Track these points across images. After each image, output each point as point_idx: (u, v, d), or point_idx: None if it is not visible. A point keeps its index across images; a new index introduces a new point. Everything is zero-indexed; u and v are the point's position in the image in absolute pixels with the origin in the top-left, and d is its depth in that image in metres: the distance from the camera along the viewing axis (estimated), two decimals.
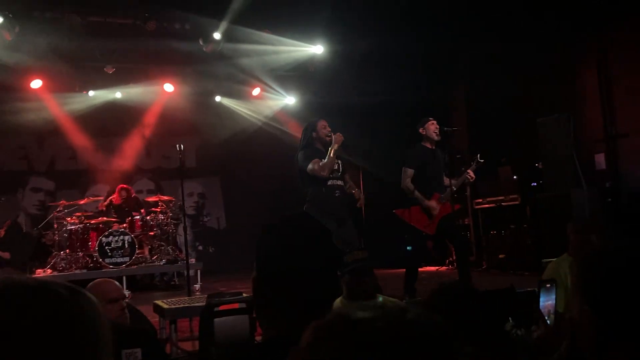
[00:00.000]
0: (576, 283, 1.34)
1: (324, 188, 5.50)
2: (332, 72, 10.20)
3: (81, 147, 11.54)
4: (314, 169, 5.46)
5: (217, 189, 12.47)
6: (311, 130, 5.68)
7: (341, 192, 5.60)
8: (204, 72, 10.08)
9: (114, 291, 2.82)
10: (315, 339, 0.75)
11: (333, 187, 5.55)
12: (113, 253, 8.52)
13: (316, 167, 5.46)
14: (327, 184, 5.51)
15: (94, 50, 9.05)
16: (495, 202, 8.57)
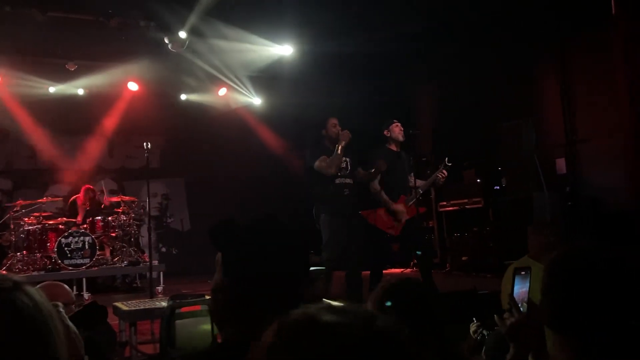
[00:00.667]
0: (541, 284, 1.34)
1: (331, 186, 5.47)
2: (300, 74, 10.18)
3: (41, 146, 11.25)
4: (320, 166, 5.43)
5: (181, 190, 12.32)
6: (320, 128, 5.62)
7: (350, 190, 5.56)
8: (169, 70, 9.94)
9: (62, 295, 2.67)
10: (280, 338, 0.74)
11: (341, 186, 5.53)
12: (73, 254, 8.31)
13: (323, 164, 5.42)
14: (335, 182, 5.48)
15: (56, 46, 8.81)
16: (459, 205, 8.68)
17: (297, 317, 0.76)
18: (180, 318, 3.71)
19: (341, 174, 5.54)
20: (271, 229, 1.35)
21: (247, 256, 1.30)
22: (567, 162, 8.07)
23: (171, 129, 11.38)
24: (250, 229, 1.35)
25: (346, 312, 0.76)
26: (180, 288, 8.12)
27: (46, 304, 1.13)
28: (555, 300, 1.28)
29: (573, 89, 8.02)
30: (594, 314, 1.23)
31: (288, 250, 1.34)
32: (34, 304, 1.08)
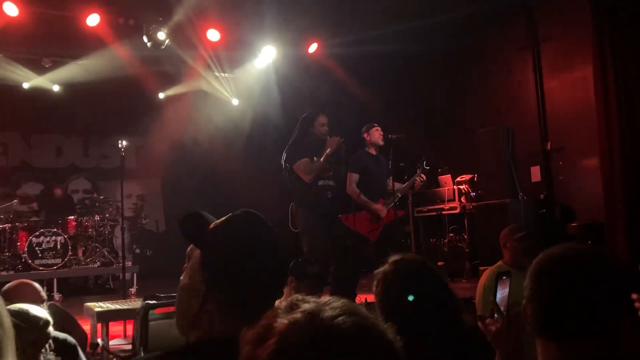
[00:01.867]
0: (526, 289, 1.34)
1: (313, 188, 5.31)
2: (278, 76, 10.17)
3: (13, 143, 11.04)
4: (298, 169, 5.24)
5: (157, 191, 12.20)
6: (308, 124, 5.45)
7: (333, 192, 5.42)
8: (147, 68, 9.83)
9: (30, 294, 2.61)
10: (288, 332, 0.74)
11: (324, 188, 5.41)
12: (44, 254, 8.16)
13: (302, 168, 5.24)
14: (317, 184, 5.34)
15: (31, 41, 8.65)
16: (436, 210, 8.74)
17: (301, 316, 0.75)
18: (154, 319, 3.66)
19: (324, 175, 5.42)
20: (253, 223, 1.33)
21: (231, 250, 1.27)
22: (542, 170, 8.18)
23: (148, 129, 11.25)
24: (232, 222, 1.33)
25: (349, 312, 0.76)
26: (154, 290, 7.99)
27: None
28: (545, 305, 1.28)
29: (550, 97, 8.15)
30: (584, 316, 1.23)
31: (269, 244, 1.32)
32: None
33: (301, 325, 0.74)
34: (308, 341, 0.72)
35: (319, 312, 0.75)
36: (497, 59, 8.85)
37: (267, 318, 0.78)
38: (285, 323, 0.75)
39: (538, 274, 1.32)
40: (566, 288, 1.26)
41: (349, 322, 0.74)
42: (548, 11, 8.07)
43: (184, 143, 11.20)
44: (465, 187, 8.49)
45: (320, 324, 0.73)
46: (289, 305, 0.78)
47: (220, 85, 10.88)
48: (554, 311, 1.26)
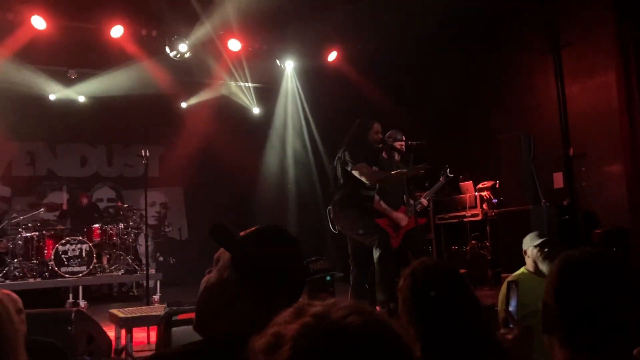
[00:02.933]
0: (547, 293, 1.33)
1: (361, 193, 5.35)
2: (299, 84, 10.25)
3: (39, 153, 11.28)
4: (360, 172, 5.17)
5: (180, 199, 12.33)
6: (365, 130, 5.42)
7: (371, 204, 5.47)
8: (170, 78, 9.98)
9: None
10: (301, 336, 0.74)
11: (369, 198, 5.44)
12: (70, 262, 8.29)
13: (365, 171, 5.17)
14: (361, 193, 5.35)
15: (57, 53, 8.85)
16: (457, 217, 8.68)
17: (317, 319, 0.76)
18: (176, 325, 3.71)
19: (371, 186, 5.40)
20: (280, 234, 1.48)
21: (260, 255, 1.40)
22: (564, 176, 8.09)
23: (171, 138, 11.40)
24: (262, 231, 1.47)
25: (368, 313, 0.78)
26: (177, 297, 8.08)
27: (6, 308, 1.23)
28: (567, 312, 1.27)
29: (571, 102, 8.07)
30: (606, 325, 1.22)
31: (292, 252, 1.45)
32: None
33: (313, 328, 0.74)
34: (322, 343, 0.73)
35: (328, 314, 0.76)
36: (517, 64, 8.79)
37: (275, 325, 0.78)
38: (296, 328, 0.75)
39: (561, 279, 1.32)
40: (589, 295, 1.26)
41: (358, 321, 0.75)
42: (569, 16, 8.01)
43: (206, 151, 11.32)
44: (487, 194, 8.43)
45: (331, 325, 0.74)
46: (296, 310, 0.79)
47: (241, 94, 11.00)
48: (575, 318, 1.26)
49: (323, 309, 0.77)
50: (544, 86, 8.40)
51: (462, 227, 8.62)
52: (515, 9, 8.20)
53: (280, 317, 0.80)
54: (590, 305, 1.25)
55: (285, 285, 1.38)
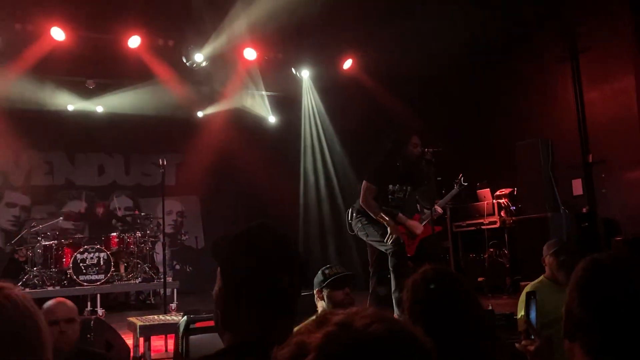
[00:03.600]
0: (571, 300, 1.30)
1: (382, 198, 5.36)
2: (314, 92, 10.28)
3: (58, 163, 11.41)
4: (363, 190, 5.30)
5: (196, 207, 12.39)
6: (402, 144, 5.41)
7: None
8: (186, 87, 10.06)
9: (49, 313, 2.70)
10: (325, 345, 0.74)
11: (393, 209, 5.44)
12: (88, 270, 8.35)
13: (365, 190, 5.28)
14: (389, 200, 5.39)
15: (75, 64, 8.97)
16: (475, 225, 8.62)
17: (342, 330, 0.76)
18: (194, 333, 3.72)
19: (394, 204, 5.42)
20: (263, 234, 1.40)
21: (240, 261, 1.35)
22: (584, 183, 8.00)
23: (187, 146, 11.48)
24: (243, 236, 1.40)
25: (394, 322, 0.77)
26: (194, 305, 8.09)
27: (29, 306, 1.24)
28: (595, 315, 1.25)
29: (590, 108, 7.99)
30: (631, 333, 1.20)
31: (282, 255, 1.37)
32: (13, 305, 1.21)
33: (337, 337, 0.74)
34: (347, 352, 0.73)
35: (351, 322, 0.76)
36: (535, 70, 8.73)
37: (298, 335, 0.78)
38: (320, 337, 0.75)
39: (586, 283, 1.29)
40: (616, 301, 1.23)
41: (382, 328, 0.75)
42: (587, 21, 7.94)
43: (222, 160, 11.37)
44: (505, 201, 8.36)
45: (355, 334, 0.74)
46: (319, 320, 0.79)
47: (257, 102, 11.05)
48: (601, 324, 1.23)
49: (346, 318, 0.77)
50: (562, 92, 8.33)
51: (480, 235, 8.55)
52: (532, 15, 8.16)
53: (302, 326, 0.80)
54: (616, 311, 1.22)
55: (272, 288, 1.32)
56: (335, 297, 3.09)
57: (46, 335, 1.28)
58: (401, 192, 5.56)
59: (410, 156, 5.38)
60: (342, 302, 3.06)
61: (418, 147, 5.41)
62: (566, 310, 1.30)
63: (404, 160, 5.41)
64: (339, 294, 3.10)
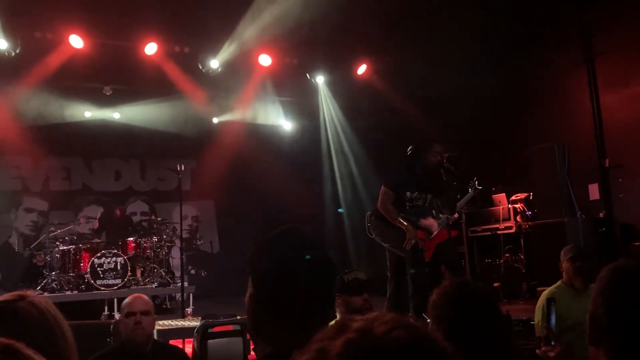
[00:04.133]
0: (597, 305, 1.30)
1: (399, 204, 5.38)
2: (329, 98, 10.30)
3: (75, 168, 11.55)
4: (382, 200, 5.32)
5: (211, 212, 12.46)
6: (422, 152, 5.44)
7: None
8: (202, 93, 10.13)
9: (128, 306, 3.03)
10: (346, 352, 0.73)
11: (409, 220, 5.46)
12: (105, 274, 8.43)
13: (383, 196, 5.30)
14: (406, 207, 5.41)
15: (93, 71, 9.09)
16: (491, 230, 8.57)
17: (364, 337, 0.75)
18: (212, 337, 3.74)
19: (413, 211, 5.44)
20: (295, 239, 1.36)
21: (268, 266, 1.31)
22: (600, 188, 7.94)
23: (202, 152, 11.56)
24: (272, 240, 1.37)
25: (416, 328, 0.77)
26: (209, 310, 8.15)
27: (53, 312, 1.29)
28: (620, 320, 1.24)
29: (607, 112, 7.93)
30: None
31: (309, 262, 1.33)
32: (39, 312, 1.25)
33: (357, 343, 0.73)
34: (368, 359, 0.72)
35: (371, 329, 0.75)
36: (551, 74, 8.67)
37: (317, 342, 0.76)
38: (340, 344, 0.73)
39: (611, 289, 1.29)
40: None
41: (403, 334, 0.74)
42: (603, 24, 7.89)
43: (237, 165, 11.43)
44: (521, 206, 8.31)
45: (376, 340, 0.73)
46: (338, 326, 0.77)
47: (272, 108, 11.09)
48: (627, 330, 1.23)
49: (366, 324, 0.76)
50: (578, 96, 8.28)
51: (496, 240, 8.50)
52: (548, 17, 8.12)
53: (321, 333, 0.78)
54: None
55: (303, 300, 1.28)
56: (354, 303, 3.07)
57: (71, 340, 1.33)
58: (420, 200, 5.57)
59: (430, 164, 5.40)
60: (360, 308, 3.04)
61: (438, 156, 5.42)
62: (591, 317, 1.30)
63: (424, 168, 5.42)
64: (357, 300, 3.09)
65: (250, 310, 1.34)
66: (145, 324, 2.96)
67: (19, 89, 9.06)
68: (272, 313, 1.29)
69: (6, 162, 10.95)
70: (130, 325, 2.90)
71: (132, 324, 2.91)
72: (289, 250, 1.32)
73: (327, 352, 0.74)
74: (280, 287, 1.28)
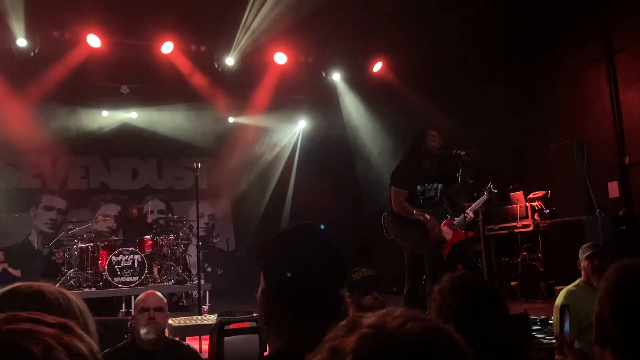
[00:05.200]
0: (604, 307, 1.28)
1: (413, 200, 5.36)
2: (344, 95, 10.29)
3: (93, 167, 11.67)
4: (395, 200, 5.30)
5: (227, 210, 12.51)
6: (419, 143, 5.42)
7: None
8: (218, 92, 10.18)
9: (141, 302, 3.07)
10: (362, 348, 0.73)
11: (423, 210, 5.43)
12: (122, 272, 8.51)
13: (395, 196, 5.29)
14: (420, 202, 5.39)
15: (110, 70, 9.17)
16: (508, 228, 8.50)
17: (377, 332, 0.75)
18: (228, 335, 3.76)
19: (425, 204, 5.40)
20: (306, 235, 1.37)
21: (279, 262, 1.32)
22: (620, 185, 7.83)
23: (218, 151, 11.61)
24: (284, 236, 1.39)
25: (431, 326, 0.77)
26: (225, 307, 8.17)
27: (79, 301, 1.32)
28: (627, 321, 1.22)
29: (626, 109, 7.82)
30: None
31: (323, 257, 1.34)
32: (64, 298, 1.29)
33: (372, 338, 0.73)
34: (384, 352, 0.72)
35: (384, 324, 0.75)
36: (569, 70, 8.57)
37: (330, 341, 0.76)
38: (355, 340, 0.73)
39: (618, 289, 1.27)
40: None
41: (417, 327, 0.74)
42: (622, 20, 7.79)
43: (253, 164, 11.47)
44: (539, 204, 8.23)
45: (391, 334, 0.73)
46: (350, 324, 0.77)
47: (287, 106, 11.11)
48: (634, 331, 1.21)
49: (378, 319, 0.76)
50: (597, 92, 8.18)
51: (513, 238, 8.42)
52: (566, 14, 8.03)
53: (333, 332, 0.78)
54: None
55: (312, 295, 1.29)
56: (364, 302, 3.05)
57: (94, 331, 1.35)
58: (432, 191, 5.53)
59: (433, 150, 5.36)
60: (370, 306, 3.01)
61: (436, 140, 5.39)
62: (597, 317, 1.28)
63: (430, 157, 5.39)
64: (367, 298, 3.06)
65: (262, 305, 1.35)
66: (159, 319, 3.00)
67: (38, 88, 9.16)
68: (283, 308, 1.30)
69: (26, 161, 11.09)
70: (143, 321, 2.92)
71: (145, 320, 2.95)
72: (300, 246, 1.34)
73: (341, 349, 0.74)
74: (291, 282, 1.29)
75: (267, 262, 1.35)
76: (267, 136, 11.71)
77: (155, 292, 3.17)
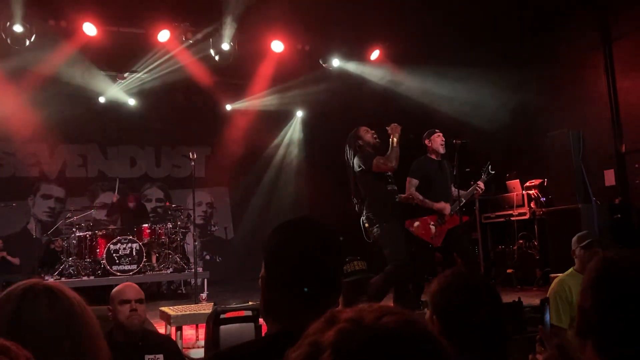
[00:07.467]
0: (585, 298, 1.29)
1: (385, 192, 5.50)
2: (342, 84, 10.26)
3: (91, 155, 11.67)
4: (378, 164, 5.41)
5: (225, 199, 12.53)
6: (355, 140, 5.63)
7: (398, 197, 5.65)
8: (215, 80, 10.15)
9: (121, 294, 3.07)
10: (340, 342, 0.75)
11: (393, 192, 5.57)
12: (121, 260, 8.55)
13: (381, 161, 5.42)
14: (387, 189, 5.51)
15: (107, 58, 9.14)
16: (504, 216, 8.54)
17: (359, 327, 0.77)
18: (224, 323, 3.79)
19: (391, 180, 5.58)
20: (307, 225, 1.44)
21: (279, 250, 1.39)
22: (616, 173, 7.85)
23: (216, 139, 11.61)
24: (285, 226, 1.44)
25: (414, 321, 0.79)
26: (224, 296, 8.23)
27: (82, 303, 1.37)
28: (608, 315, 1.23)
29: (623, 97, 7.82)
30: None
31: (323, 246, 1.40)
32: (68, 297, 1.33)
33: (349, 332, 0.75)
34: (362, 346, 0.74)
35: (361, 317, 0.77)
36: (566, 58, 8.56)
37: (309, 336, 0.78)
38: (333, 334, 0.75)
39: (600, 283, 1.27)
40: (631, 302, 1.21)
41: (392, 320, 0.76)
42: (620, 8, 7.76)
43: (251, 152, 11.47)
44: (535, 192, 8.26)
45: (368, 327, 0.75)
46: (327, 319, 0.79)
47: (284, 95, 11.08)
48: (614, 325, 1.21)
49: (355, 314, 0.78)
50: (594, 81, 8.17)
51: (509, 226, 8.47)
52: (564, 1, 8.00)
53: (311, 327, 0.80)
54: (629, 311, 1.20)
55: (309, 278, 1.35)
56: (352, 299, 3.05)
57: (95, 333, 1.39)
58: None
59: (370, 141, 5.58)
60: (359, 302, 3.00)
61: (369, 133, 5.63)
62: (579, 309, 1.29)
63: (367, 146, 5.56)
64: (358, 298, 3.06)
65: (262, 290, 1.41)
66: (140, 311, 3.04)
67: (35, 76, 9.13)
68: (282, 293, 1.36)
69: (23, 150, 11.09)
70: (125, 313, 2.94)
71: (127, 312, 2.97)
72: (300, 235, 1.40)
73: (320, 343, 0.76)
74: (290, 268, 1.35)
75: (267, 251, 1.41)
76: (265, 124, 11.70)
77: (132, 284, 3.20)
